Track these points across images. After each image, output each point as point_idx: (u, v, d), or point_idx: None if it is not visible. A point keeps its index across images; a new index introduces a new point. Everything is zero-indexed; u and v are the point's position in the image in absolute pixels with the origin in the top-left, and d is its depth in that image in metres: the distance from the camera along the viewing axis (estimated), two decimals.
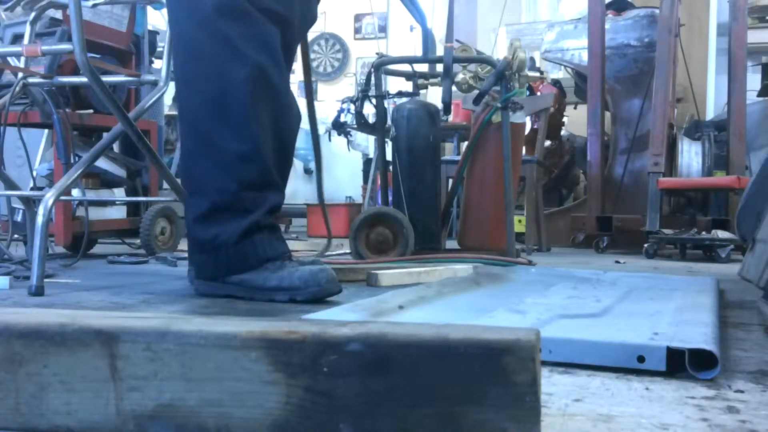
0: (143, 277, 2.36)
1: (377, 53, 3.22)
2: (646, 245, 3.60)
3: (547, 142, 4.84)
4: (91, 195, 3.07)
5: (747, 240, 2.02)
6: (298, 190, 6.86)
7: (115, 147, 3.29)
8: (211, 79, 1.78)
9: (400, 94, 3.20)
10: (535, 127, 4.42)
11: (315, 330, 0.66)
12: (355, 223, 2.83)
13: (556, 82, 5.02)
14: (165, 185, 3.35)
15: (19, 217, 2.90)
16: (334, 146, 6.29)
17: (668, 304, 1.53)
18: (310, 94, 2.41)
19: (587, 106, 4.33)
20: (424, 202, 3.01)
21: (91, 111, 3.05)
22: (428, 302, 1.56)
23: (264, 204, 1.82)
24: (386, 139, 3.12)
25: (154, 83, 2.52)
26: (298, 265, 1.80)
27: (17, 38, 2.91)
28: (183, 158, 1.90)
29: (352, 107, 3.09)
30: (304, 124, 2.63)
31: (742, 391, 0.95)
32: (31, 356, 0.70)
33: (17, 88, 2.57)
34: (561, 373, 1.04)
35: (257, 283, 1.78)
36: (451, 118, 4.51)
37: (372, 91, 3.06)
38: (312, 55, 8.50)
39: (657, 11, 4.09)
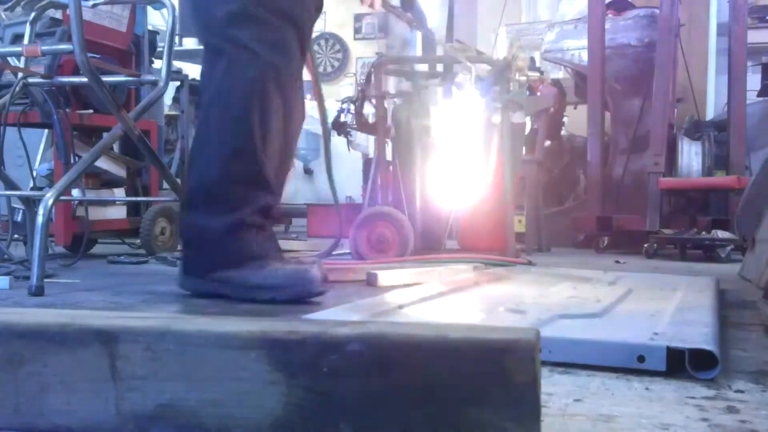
0: (143, 277, 2.35)
1: (377, 53, 3.22)
2: (646, 245, 3.59)
3: (547, 142, 4.83)
4: (91, 195, 3.07)
5: (747, 240, 2.02)
6: (298, 190, 6.85)
7: (115, 147, 3.29)
8: (223, 76, 1.80)
9: (400, 94, 3.20)
10: (535, 127, 4.42)
11: (315, 330, 0.66)
12: (355, 223, 2.83)
13: (556, 82, 5.01)
14: (165, 185, 3.35)
15: (19, 217, 2.90)
16: (334, 146, 6.29)
17: (668, 304, 1.53)
18: (320, 99, 2.42)
19: (587, 106, 4.32)
20: (424, 202, 3.01)
21: (91, 111, 3.05)
22: (428, 302, 1.56)
23: (253, 202, 1.80)
24: (386, 139, 3.12)
25: (154, 83, 2.51)
26: (283, 264, 1.79)
27: (17, 38, 2.91)
28: (191, 150, 1.93)
29: (352, 107, 3.09)
30: (308, 125, 2.63)
31: (742, 391, 0.95)
32: (31, 356, 0.70)
33: (17, 88, 2.57)
34: (561, 373, 1.04)
35: (240, 281, 1.76)
36: None
37: (372, 91, 3.06)
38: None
39: (657, 11, 4.08)
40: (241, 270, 1.77)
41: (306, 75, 2.02)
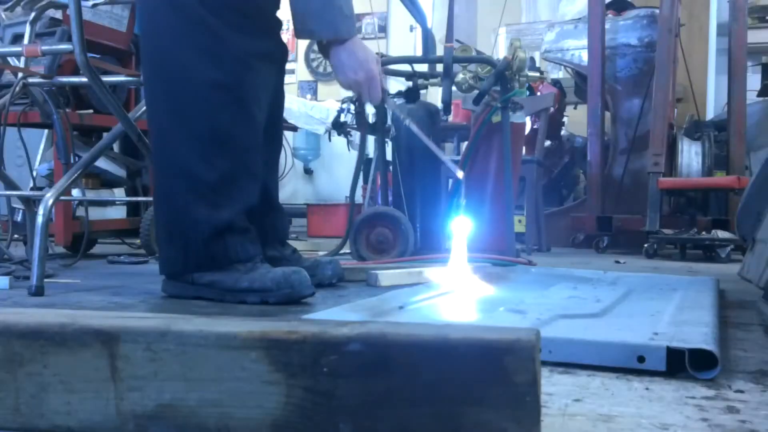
0: (143, 277, 2.35)
1: (377, 53, 3.21)
2: (646, 245, 3.59)
3: (547, 142, 4.84)
4: (91, 195, 3.08)
5: (747, 240, 2.02)
6: (298, 190, 6.85)
7: (115, 147, 3.29)
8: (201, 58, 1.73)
9: (400, 94, 3.20)
10: (535, 127, 4.42)
11: (315, 330, 0.66)
12: (355, 224, 2.83)
13: (556, 82, 5.01)
14: None
15: (19, 217, 2.90)
16: (334, 146, 6.29)
17: (668, 304, 1.53)
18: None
19: (587, 106, 4.33)
20: (424, 202, 3.01)
21: (91, 111, 3.05)
22: (428, 302, 1.56)
23: (239, 200, 1.75)
24: (386, 139, 3.12)
25: None
26: (270, 266, 1.76)
27: (17, 38, 2.91)
28: (154, 137, 1.81)
29: (352, 107, 3.09)
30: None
31: (742, 391, 0.95)
32: (31, 356, 0.70)
33: (17, 88, 2.57)
34: (561, 373, 1.04)
35: (228, 285, 1.72)
36: (451, 118, 4.50)
37: None
38: (312, 55, 8.51)
39: (657, 11, 4.08)
40: (229, 273, 1.73)
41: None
